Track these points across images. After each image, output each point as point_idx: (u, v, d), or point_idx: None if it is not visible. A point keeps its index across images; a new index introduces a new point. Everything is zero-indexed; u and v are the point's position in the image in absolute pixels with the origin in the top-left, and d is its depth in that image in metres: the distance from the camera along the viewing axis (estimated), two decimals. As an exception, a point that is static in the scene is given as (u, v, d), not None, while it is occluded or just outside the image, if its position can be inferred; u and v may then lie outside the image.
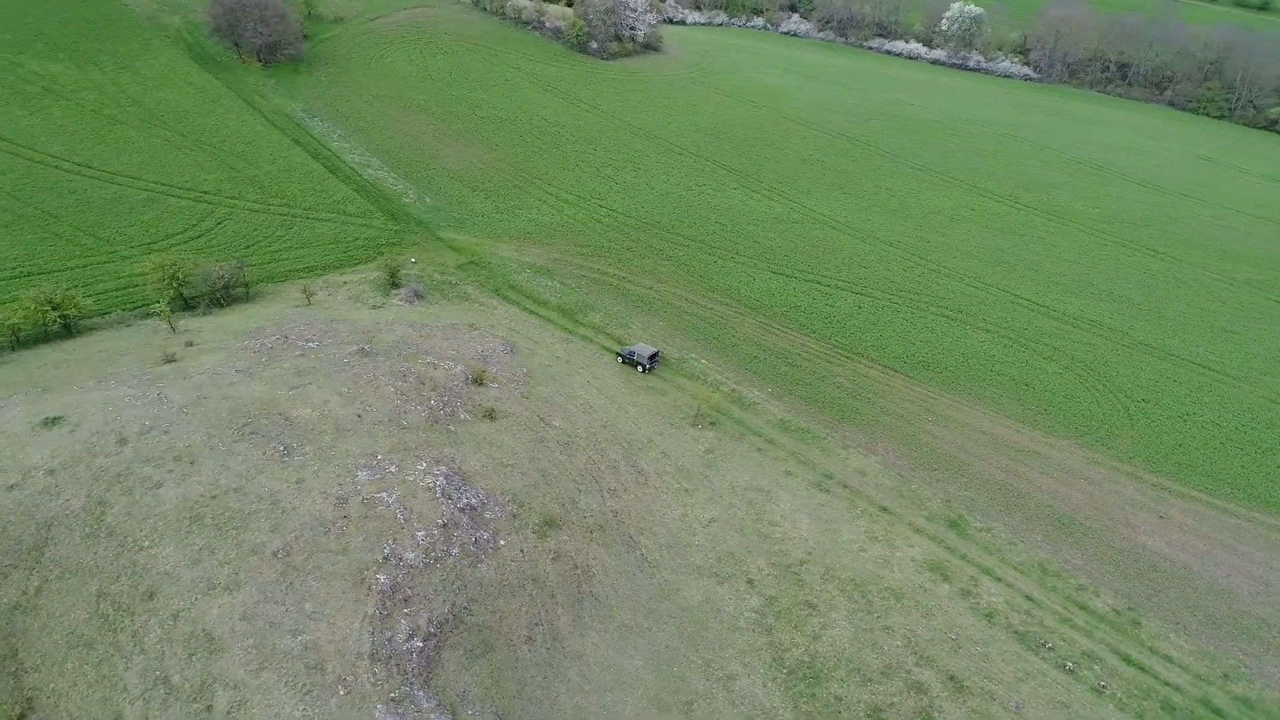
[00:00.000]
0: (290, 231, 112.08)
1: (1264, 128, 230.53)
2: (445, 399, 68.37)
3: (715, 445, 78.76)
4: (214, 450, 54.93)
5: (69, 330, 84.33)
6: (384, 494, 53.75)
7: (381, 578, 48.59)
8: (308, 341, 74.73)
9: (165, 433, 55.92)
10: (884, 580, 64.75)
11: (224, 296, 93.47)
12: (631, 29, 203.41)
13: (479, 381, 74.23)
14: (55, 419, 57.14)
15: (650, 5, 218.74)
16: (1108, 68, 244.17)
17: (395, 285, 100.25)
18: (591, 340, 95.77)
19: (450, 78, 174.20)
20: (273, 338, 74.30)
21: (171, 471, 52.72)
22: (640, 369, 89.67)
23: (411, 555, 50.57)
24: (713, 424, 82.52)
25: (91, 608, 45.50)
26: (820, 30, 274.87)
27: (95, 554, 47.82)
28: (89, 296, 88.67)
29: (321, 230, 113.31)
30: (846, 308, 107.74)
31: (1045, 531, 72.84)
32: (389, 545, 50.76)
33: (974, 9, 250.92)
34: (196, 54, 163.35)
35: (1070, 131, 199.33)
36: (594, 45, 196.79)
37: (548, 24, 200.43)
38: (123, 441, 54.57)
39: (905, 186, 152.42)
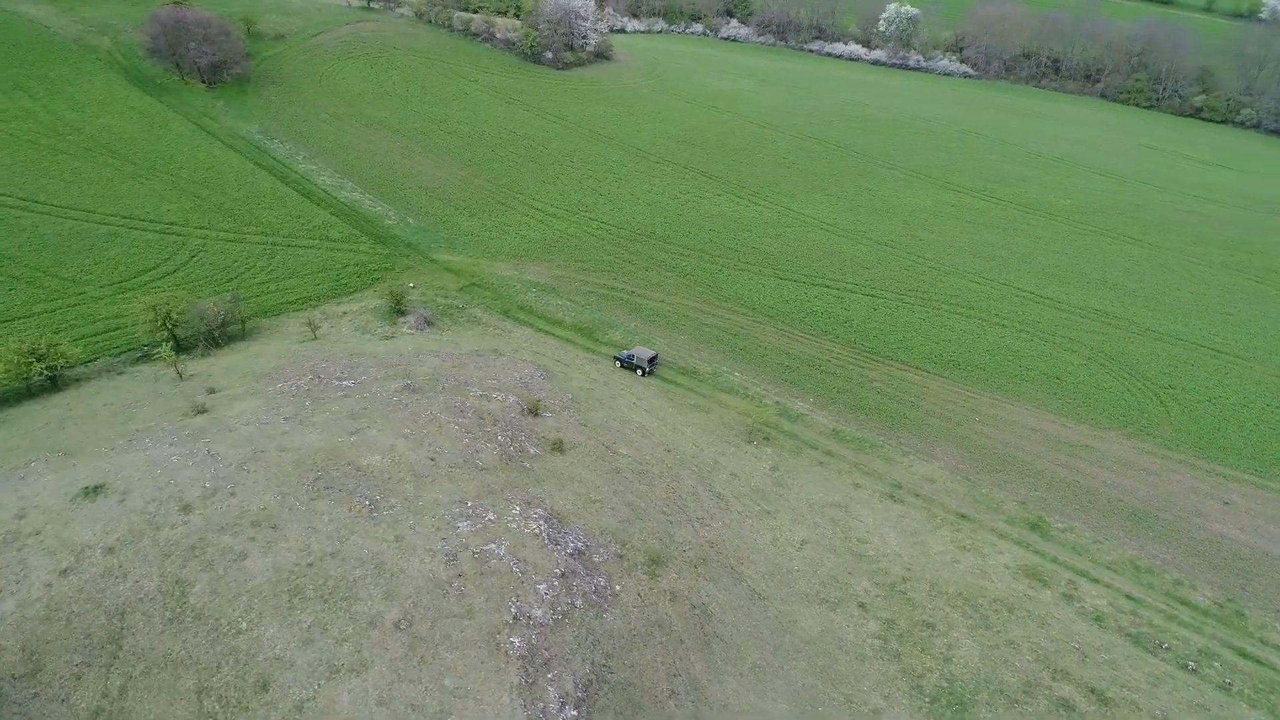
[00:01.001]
0: (273, 261, 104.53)
1: (1189, 115, 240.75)
2: (511, 434, 63.31)
3: (778, 462, 75.52)
4: (293, 511, 48.85)
5: (55, 383, 75.99)
6: (492, 545, 48.60)
7: (516, 640, 43.55)
8: (342, 380, 68.59)
9: (232, 495, 49.55)
10: (988, 591, 62.43)
11: (221, 335, 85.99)
12: (584, 38, 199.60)
13: (534, 412, 69.32)
14: (96, 487, 50.11)
15: (600, 14, 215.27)
16: (1041, 63, 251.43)
17: (400, 313, 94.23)
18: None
19: (407, 93, 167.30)
20: (304, 378, 67.90)
21: (253, 539, 46.50)
22: (640, 372, 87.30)
23: (539, 612, 45.64)
24: (766, 439, 79.31)
25: (193, 707, 39.17)
26: (760, 35, 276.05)
27: (185, 642, 41.46)
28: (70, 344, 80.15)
29: (306, 259, 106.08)
30: (861, 310, 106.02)
31: (1124, 527, 71.77)
32: (514, 603, 45.71)
33: (910, 9, 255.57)
34: (133, 76, 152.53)
35: (1022, 126, 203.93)
36: (549, 55, 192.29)
37: (499, 35, 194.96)
38: (187, 509, 48.01)
39: (882, 186, 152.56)
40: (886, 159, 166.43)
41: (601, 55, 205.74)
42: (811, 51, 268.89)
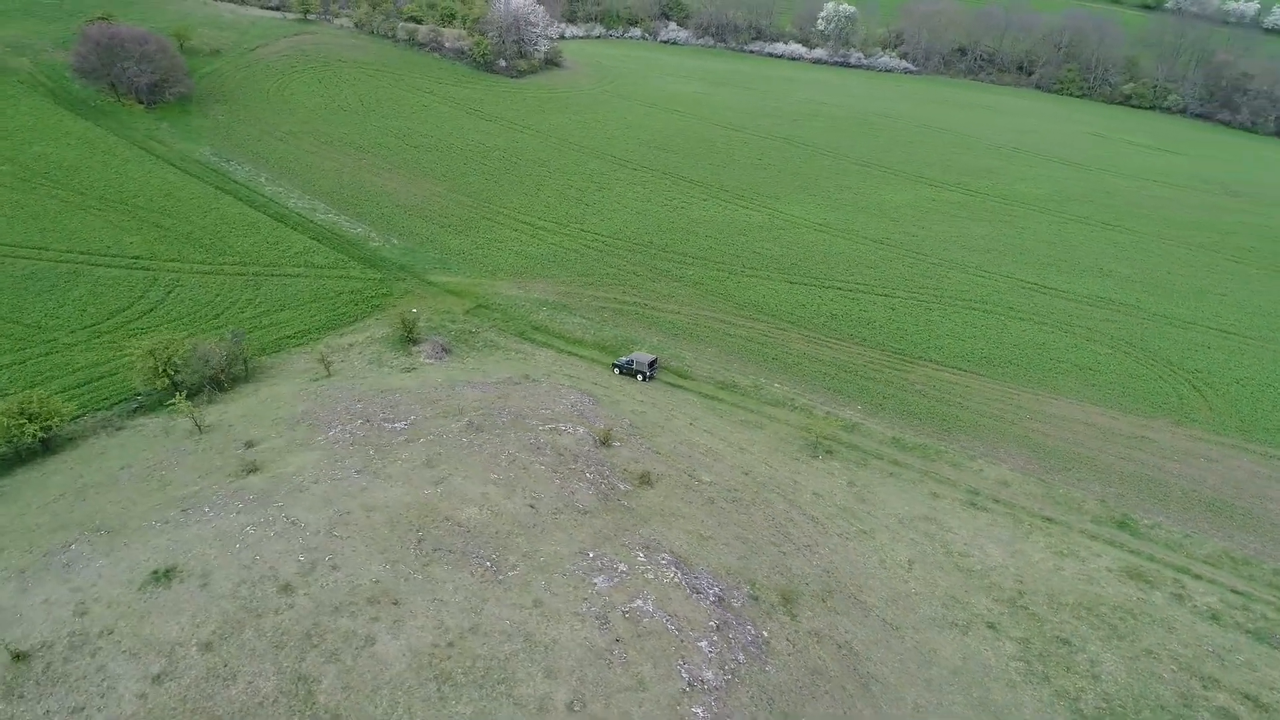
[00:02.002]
0: (259, 293, 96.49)
1: (1120, 102, 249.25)
2: (595, 469, 58.20)
3: (852, 476, 72.22)
4: (410, 581, 42.82)
5: (46, 445, 67.38)
6: (639, 601, 43.58)
7: (699, 711, 38.65)
8: (393, 422, 62.29)
9: (335, 568, 43.18)
10: (1103, 598, 60.23)
11: (226, 378, 78.19)
12: (534, 45, 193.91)
13: (605, 442, 64.30)
14: (167, 571, 43.08)
15: (549, 20, 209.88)
16: (978, 57, 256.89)
17: (413, 341, 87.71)
18: (654, 378, 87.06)
19: (362, 107, 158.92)
20: (353, 422, 61.31)
21: (376, 619, 40.35)
22: (641, 378, 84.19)
23: (710, 674, 40.86)
24: (829, 452, 75.95)
25: (354, 832, 33.18)
26: (699, 37, 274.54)
27: (326, 753, 35.32)
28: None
29: (295, 288, 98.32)
30: (880, 311, 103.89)
31: (1205, 518, 70.77)
32: (682, 667, 40.81)
33: (848, 8, 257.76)
34: (63, 99, 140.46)
35: (972, 118, 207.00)
36: (502, 63, 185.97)
37: (448, 45, 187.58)
38: (287, 589, 41.50)
39: (861, 184, 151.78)
40: (857, 157, 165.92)
41: (552, 62, 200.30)
42: (752, 52, 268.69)
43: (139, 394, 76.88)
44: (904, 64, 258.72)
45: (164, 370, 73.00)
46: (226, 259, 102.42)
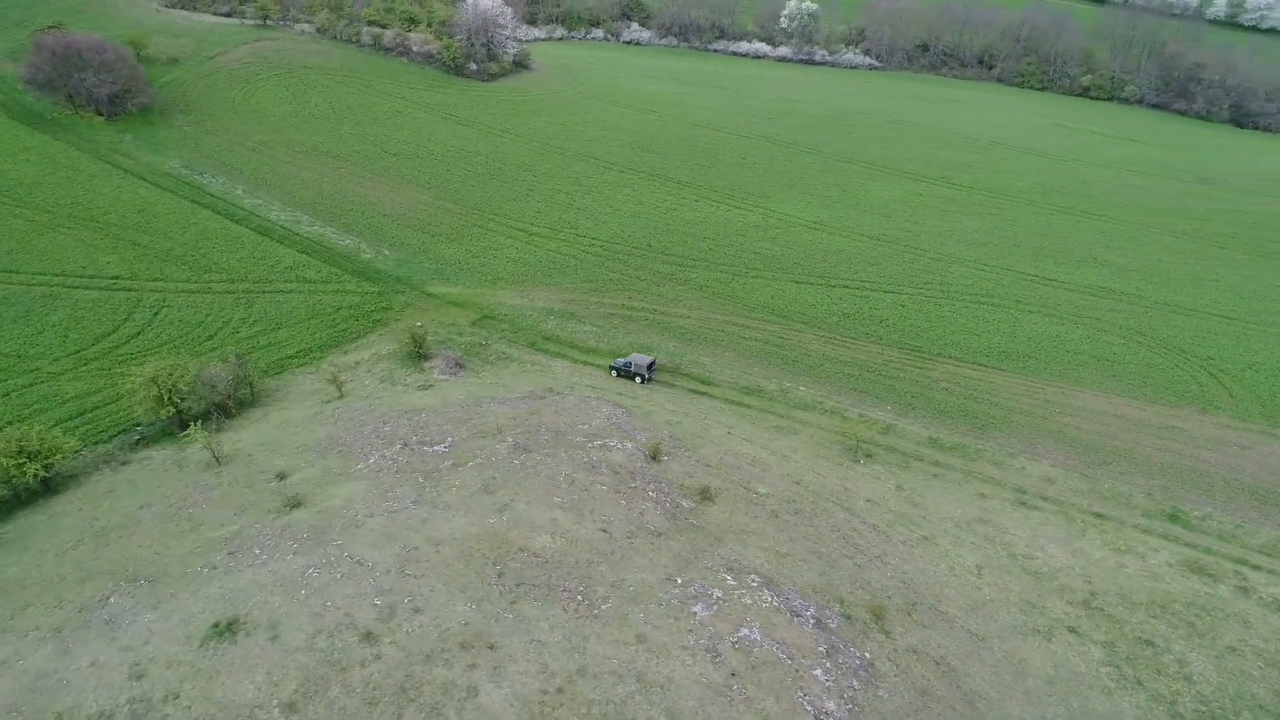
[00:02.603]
0: (251, 312, 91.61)
1: (1078, 94, 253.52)
2: (655, 486, 55.37)
3: (899, 480, 70.54)
4: (500, 621, 39.48)
5: (47, 485, 62.36)
6: (745, 630, 40.89)
7: (830, 748, 36.25)
8: (433, 445, 58.70)
9: (416, 611, 39.64)
10: (1172, 595, 59.23)
11: (233, 404, 73.58)
12: (503, 48, 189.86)
13: (655, 456, 61.48)
14: (229, 624, 39.14)
15: (517, 23, 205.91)
16: (940, 52, 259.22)
17: (423, 357, 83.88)
18: (677, 386, 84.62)
19: (334, 114, 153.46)
20: (391, 448, 57.57)
21: (474, 666, 36.96)
22: (640, 380, 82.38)
23: (833, 705, 38.32)
24: (869, 455, 74.18)
25: None
26: (662, 37, 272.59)
27: (445, 822, 31.92)
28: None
29: (290, 305, 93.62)
30: (890, 309, 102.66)
31: (1253, 506, 70.48)
32: (805, 699, 38.18)
33: (810, 5, 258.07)
34: (14, 112, 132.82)
35: (942, 113, 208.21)
36: (472, 67, 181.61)
37: (415, 49, 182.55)
38: (370, 638, 37.88)
39: (847, 180, 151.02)
40: (838, 153, 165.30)
41: (521, 65, 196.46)
42: (716, 51, 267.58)
43: (139, 424, 71.97)
44: (868, 60, 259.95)
45: (169, 398, 68.20)
46: (213, 276, 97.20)
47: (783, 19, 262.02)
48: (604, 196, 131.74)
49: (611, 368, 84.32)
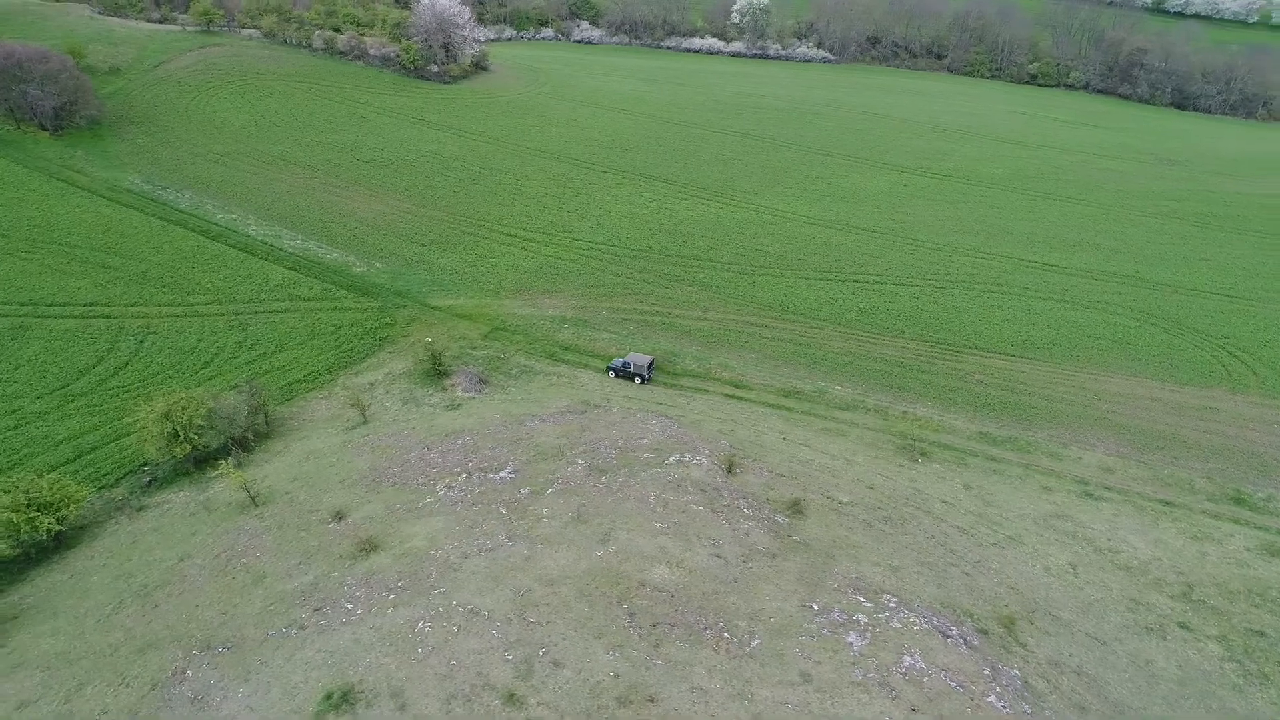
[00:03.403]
0: (246, 335, 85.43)
1: (1027, 82, 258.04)
2: (748, 503, 51.96)
3: (964, 479, 68.47)
4: (651, 670, 35.52)
5: (59, 540, 56.20)
6: (906, 658, 37.72)
7: (1036, 785, 33.36)
8: (498, 472, 54.30)
9: (556, 664, 35.16)
10: (1265, 581, 58.26)
11: (251, 437, 67.86)
12: (462, 49, 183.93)
13: (730, 470, 58.08)
14: (344, 694, 34.39)
15: (475, 24, 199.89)
16: (892, 44, 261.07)
17: (442, 374, 79.09)
18: (710, 391, 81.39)
19: (296, 122, 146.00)
20: (456, 478, 52.94)
21: (642, 727, 33.01)
22: (639, 380, 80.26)
23: (1019, 736, 35.56)
24: (924, 454, 72.03)
25: None
26: (613, 35, 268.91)
27: None
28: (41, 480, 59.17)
29: (287, 326, 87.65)
30: (905, 302, 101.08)
31: (1310, 485, 70.27)
32: (992, 733, 35.32)
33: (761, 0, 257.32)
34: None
35: (906, 103, 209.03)
36: (434, 69, 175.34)
37: (372, 52, 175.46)
38: (513, 700, 33.52)
39: (829, 173, 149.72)
40: (816, 146, 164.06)
41: (480, 66, 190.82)
42: (669, 48, 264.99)
43: (146, 465, 65.85)
44: (822, 54, 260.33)
45: (185, 435, 62.21)
46: (197, 298, 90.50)
47: (734, 13, 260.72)
48: (592, 198, 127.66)
49: (609, 369, 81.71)
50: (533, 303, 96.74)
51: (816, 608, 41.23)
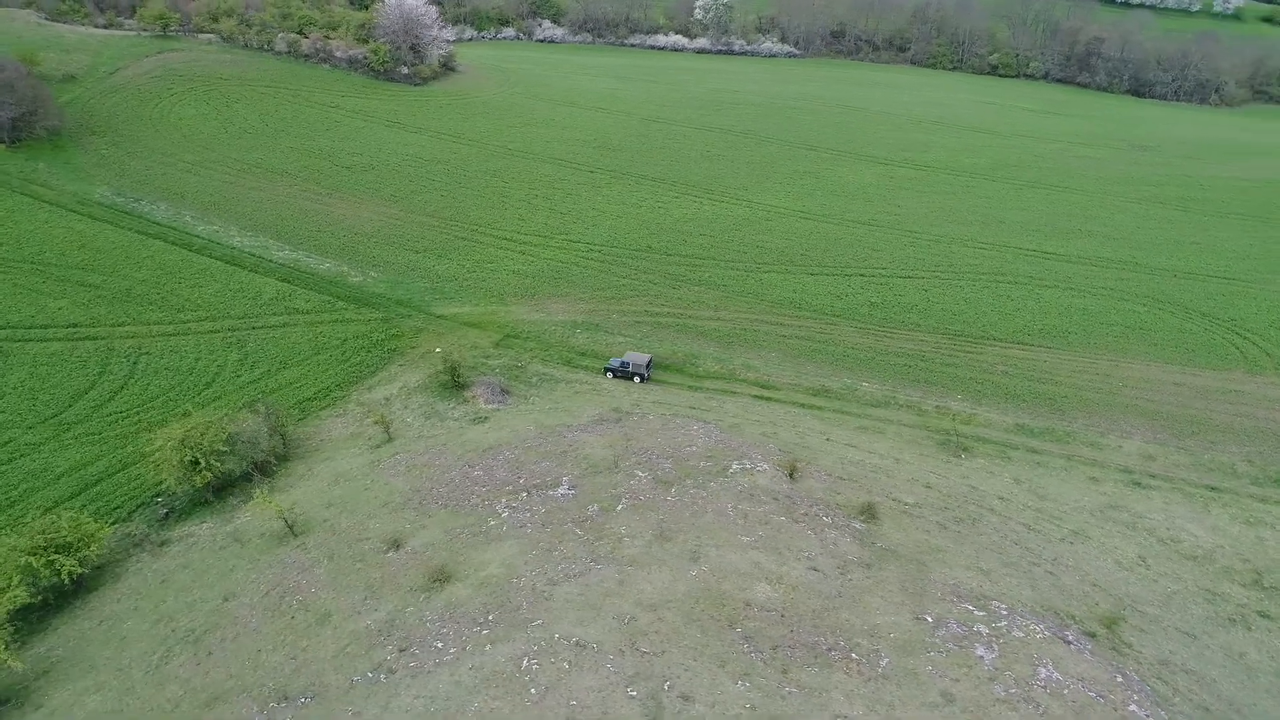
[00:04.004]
0: (246, 352, 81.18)
1: (988, 72, 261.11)
2: (824, 510, 49.89)
3: (1012, 473, 67.35)
4: (785, 698, 32.99)
5: (79, 582, 51.97)
6: (1040, 669, 35.90)
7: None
8: (554, 489, 51.51)
9: (685, 698, 32.33)
10: (1325, 566, 57.88)
11: (273, 461, 63.96)
12: (430, 49, 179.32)
13: (793, 475, 55.99)
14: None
15: (443, 23, 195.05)
16: (856, 38, 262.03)
17: (460, 385, 75.87)
18: (738, 393, 79.25)
19: (268, 128, 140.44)
20: (515, 497, 49.96)
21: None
22: (638, 379, 78.58)
23: (1172, 749, 33.97)
24: (965, 450, 70.79)
25: None
26: (575, 34, 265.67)
27: None
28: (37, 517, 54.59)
29: (289, 340, 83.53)
30: (915, 295, 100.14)
31: (1347, 466, 70.55)
32: (1146, 746, 33.65)
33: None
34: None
35: (879, 96, 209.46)
36: (404, 71, 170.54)
37: (339, 54, 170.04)
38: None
39: (816, 167, 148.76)
40: (799, 141, 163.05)
41: (448, 67, 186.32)
42: (634, 45, 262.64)
43: (159, 496, 61.67)
44: (787, 49, 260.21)
45: (207, 462, 58.15)
46: (189, 315, 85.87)
47: (697, 9, 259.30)
48: (583, 199, 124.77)
49: (606, 369, 79.62)
50: (540, 308, 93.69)
51: (931, 620, 39.29)
